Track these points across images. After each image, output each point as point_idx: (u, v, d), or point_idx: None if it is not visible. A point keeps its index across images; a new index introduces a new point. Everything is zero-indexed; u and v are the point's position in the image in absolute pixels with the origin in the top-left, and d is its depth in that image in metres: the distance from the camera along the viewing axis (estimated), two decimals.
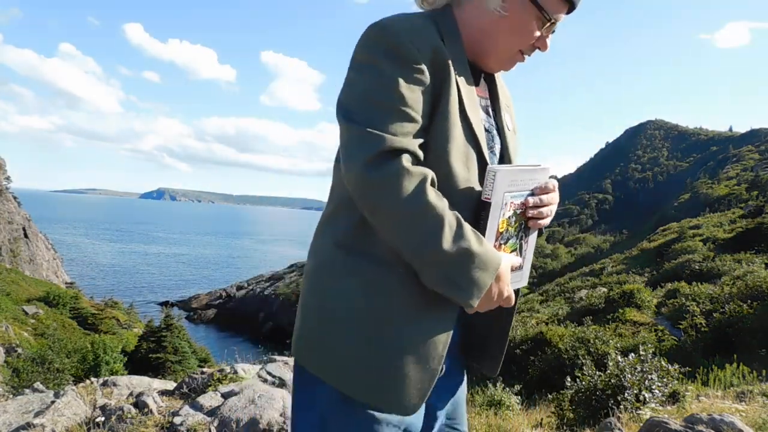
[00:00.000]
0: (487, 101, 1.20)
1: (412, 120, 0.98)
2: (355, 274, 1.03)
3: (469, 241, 0.94)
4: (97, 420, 2.66)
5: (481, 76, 1.20)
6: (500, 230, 1.04)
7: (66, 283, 43.19)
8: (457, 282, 0.95)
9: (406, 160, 0.95)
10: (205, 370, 3.59)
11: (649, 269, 27.44)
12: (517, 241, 1.10)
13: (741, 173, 56.42)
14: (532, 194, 1.08)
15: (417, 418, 1.07)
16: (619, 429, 3.43)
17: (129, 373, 11.45)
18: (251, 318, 51.23)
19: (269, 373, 3.48)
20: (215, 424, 2.61)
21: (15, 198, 43.98)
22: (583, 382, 4.64)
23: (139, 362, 17.91)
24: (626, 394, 4.17)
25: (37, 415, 2.72)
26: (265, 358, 4.79)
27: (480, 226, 1.00)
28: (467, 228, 0.95)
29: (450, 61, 1.05)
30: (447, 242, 0.93)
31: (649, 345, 5.81)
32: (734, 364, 5.41)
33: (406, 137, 0.96)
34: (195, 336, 31.86)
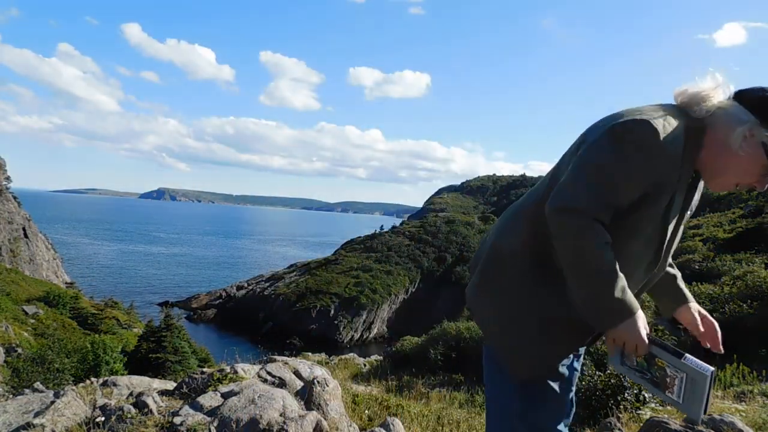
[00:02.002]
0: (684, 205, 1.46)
1: (611, 204, 1.28)
2: (537, 301, 1.44)
3: (614, 288, 1.26)
4: (97, 420, 2.66)
5: (693, 182, 1.43)
6: (659, 364, 1.36)
7: (66, 283, 43.15)
8: (596, 315, 1.30)
9: (587, 218, 1.26)
10: (205, 370, 3.59)
11: None
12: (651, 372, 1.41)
13: None
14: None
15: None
16: (619, 429, 3.43)
17: (129, 373, 11.44)
18: (251, 318, 51.19)
19: (269, 373, 3.48)
20: (215, 424, 2.61)
21: (15, 198, 43.93)
22: (583, 382, 4.64)
23: (139, 362, 17.89)
24: (626, 394, 4.17)
25: (37, 415, 2.72)
26: (265, 358, 4.80)
27: (663, 345, 1.33)
28: (621, 280, 1.26)
29: (678, 177, 1.31)
30: (597, 288, 1.27)
31: None
32: (734, 364, 5.41)
33: (598, 210, 1.26)
34: (195, 336, 31.83)
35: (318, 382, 3.22)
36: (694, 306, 1.58)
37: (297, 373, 3.66)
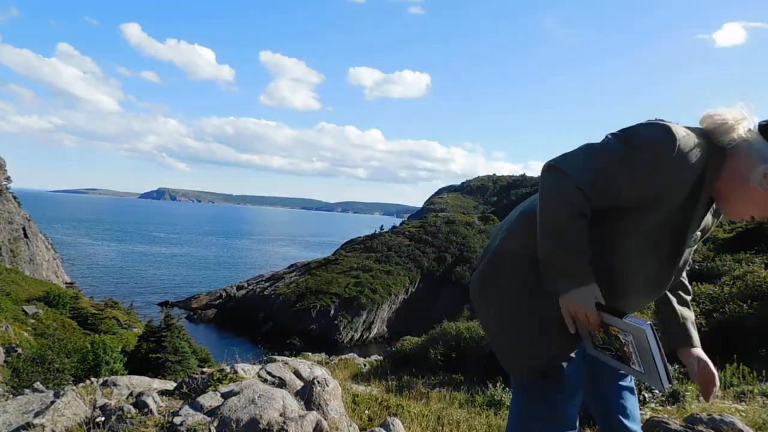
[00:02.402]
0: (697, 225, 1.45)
1: (602, 192, 1.28)
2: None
3: (572, 253, 1.29)
4: (97, 420, 2.66)
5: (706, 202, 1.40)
6: (613, 332, 1.33)
7: (66, 283, 43.16)
8: (552, 275, 1.35)
9: (571, 184, 1.28)
10: (205, 370, 3.58)
11: None
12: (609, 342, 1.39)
13: None
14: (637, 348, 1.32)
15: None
16: None
17: (129, 373, 11.44)
18: (251, 318, 51.19)
19: (269, 373, 3.48)
20: (215, 424, 2.61)
21: (15, 198, 43.94)
22: None
23: (139, 362, 17.89)
24: None
25: (37, 415, 2.72)
26: (265, 358, 4.79)
27: (611, 308, 1.30)
28: (583, 250, 1.29)
29: (689, 194, 1.30)
30: (558, 246, 1.30)
31: None
32: (734, 364, 5.41)
33: (587, 188, 1.27)
34: (195, 336, 31.83)
35: (318, 382, 3.22)
36: (697, 351, 1.57)
37: (297, 373, 3.66)
